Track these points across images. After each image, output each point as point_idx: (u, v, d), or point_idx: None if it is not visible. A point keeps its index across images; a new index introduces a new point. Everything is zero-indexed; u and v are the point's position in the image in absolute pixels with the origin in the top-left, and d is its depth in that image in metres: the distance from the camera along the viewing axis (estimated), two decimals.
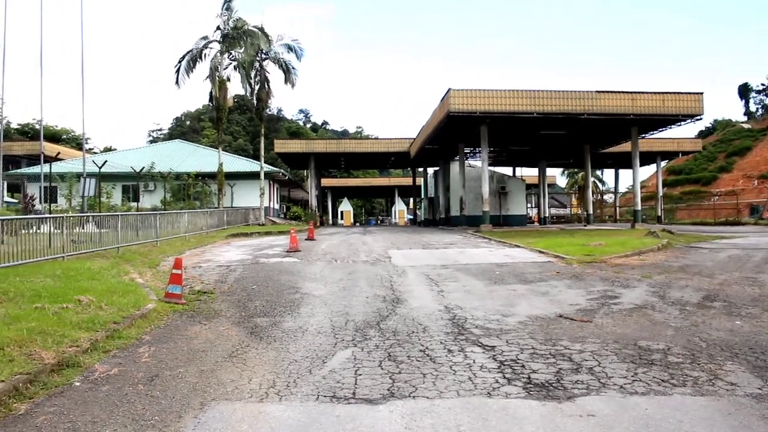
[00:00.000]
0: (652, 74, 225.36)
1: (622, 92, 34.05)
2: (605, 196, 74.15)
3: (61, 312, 8.83)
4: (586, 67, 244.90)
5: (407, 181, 76.05)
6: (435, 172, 60.19)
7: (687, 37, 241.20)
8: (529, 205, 65.04)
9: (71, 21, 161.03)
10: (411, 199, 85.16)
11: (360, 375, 6.61)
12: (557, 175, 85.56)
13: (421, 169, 66.18)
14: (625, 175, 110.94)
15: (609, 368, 6.73)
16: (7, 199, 50.61)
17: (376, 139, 70.66)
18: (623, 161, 55.42)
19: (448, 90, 33.29)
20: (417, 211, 74.58)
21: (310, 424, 5.20)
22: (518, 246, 22.68)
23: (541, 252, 20.08)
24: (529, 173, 68.23)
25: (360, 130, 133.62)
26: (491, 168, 47.15)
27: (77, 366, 6.84)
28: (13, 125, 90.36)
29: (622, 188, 71.41)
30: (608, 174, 77.94)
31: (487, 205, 36.47)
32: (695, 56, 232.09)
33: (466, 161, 48.22)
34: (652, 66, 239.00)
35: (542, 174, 57.72)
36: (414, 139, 50.69)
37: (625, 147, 46.06)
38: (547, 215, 57.94)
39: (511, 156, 56.14)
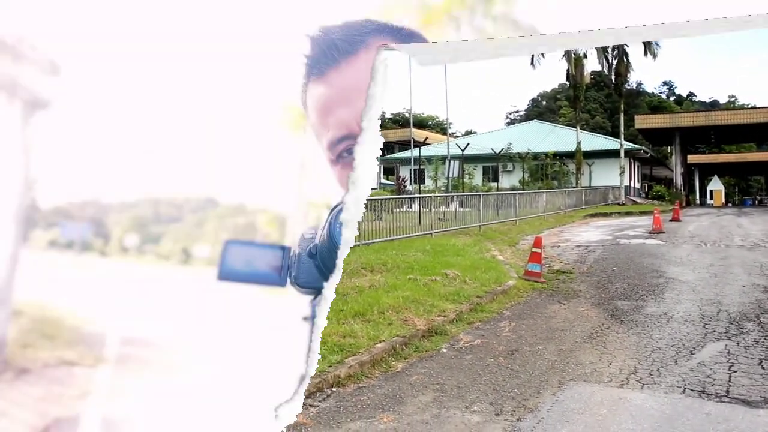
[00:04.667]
0: None
1: None
2: None
3: (430, 284, 9.62)
4: None
5: None
6: None
7: None
8: None
9: None
10: None
11: (734, 372, 5.91)
12: None
13: None
14: None
15: None
16: (383, 181, 57.20)
17: (753, 108, 62.31)
18: None
19: None
20: None
21: (675, 418, 4.83)
22: None
23: None
24: None
25: (733, 99, 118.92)
26: None
27: (444, 334, 7.40)
28: (387, 115, 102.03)
29: None
30: None
31: None
32: None
33: None
34: None
35: None
36: None
37: None
38: None
39: None
